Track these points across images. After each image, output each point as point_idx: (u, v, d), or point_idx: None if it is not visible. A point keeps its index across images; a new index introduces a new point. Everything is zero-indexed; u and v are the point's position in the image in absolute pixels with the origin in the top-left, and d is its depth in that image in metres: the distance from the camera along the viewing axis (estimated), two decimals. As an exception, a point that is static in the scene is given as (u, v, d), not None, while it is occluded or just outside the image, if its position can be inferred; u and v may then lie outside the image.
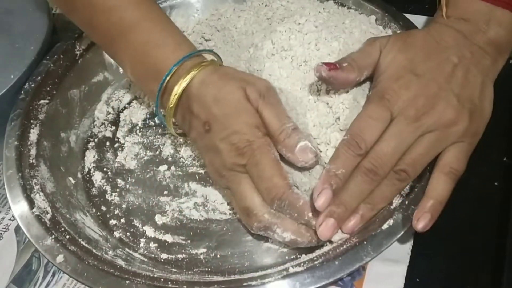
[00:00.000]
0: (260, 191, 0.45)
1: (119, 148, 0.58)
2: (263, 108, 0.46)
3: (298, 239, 0.44)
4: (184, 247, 0.50)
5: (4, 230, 0.55)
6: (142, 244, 0.50)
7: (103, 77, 0.64)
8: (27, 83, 0.57)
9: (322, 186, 0.42)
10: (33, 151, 0.53)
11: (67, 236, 0.46)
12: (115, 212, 0.53)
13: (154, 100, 0.50)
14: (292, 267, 0.42)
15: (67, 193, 0.53)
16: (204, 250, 0.49)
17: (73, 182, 0.55)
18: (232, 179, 0.46)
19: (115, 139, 0.59)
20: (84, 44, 0.62)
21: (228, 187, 0.48)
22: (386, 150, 0.43)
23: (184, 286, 0.43)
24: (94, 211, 0.53)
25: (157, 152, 0.57)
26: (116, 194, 0.55)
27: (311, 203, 0.43)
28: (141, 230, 0.51)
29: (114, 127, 0.61)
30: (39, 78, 0.58)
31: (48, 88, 0.58)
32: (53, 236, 0.46)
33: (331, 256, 0.42)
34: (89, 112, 0.62)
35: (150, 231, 0.51)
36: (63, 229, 0.47)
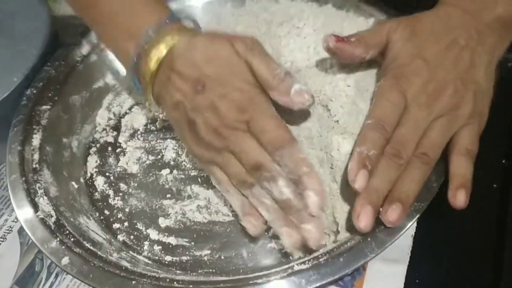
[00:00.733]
0: (263, 145, 0.45)
1: (121, 153, 0.59)
2: (252, 59, 0.46)
3: (294, 199, 0.44)
4: (188, 249, 0.50)
5: (8, 231, 0.55)
6: (146, 247, 0.50)
7: (104, 83, 0.64)
8: (29, 89, 0.57)
9: (358, 167, 0.42)
10: (36, 156, 0.53)
11: (72, 239, 0.47)
12: (118, 216, 0.53)
13: (128, 65, 0.50)
14: (297, 265, 0.42)
15: (70, 197, 0.53)
16: (208, 252, 0.49)
17: (76, 186, 0.55)
18: (235, 138, 0.46)
19: (117, 144, 0.60)
20: (85, 50, 0.62)
21: (228, 148, 0.46)
22: (406, 135, 0.44)
23: (190, 286, 0.43)
24: (98, 215, 0.53)
25: (159, 156, 0.58)
26: (119, 198, 0.55)
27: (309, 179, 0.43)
28: (144, 233, 0.52)
29: (115, 133, 0.61)
30: (40, 84, 0.58)
31: (49, 94, 0.58)
32: (58, 239, 0.46)
33: (336, 253, 0.42)
34: (90, 118, 0.62)
35: (153, 234, 0.51)
36: (67, 232, 0.47)
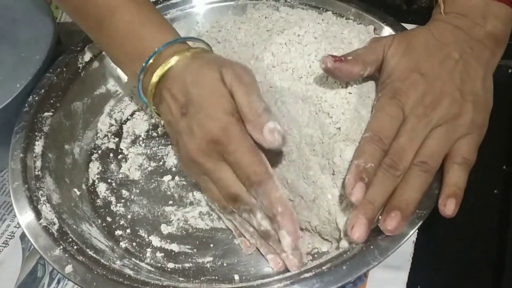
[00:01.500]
0: (239, 178, 0.45)
1: (123, 159, 0.59)
2: (236, 89, 0.46)
3: (271, 231, 0.45)
4: (190, 256, 0.50)
5: (10, 237, 0.55)
6: (148, 254, 0.50)
7: (105, 89, 0.64)
8: (30, 96, 0.58)
9: (355, 180, 0.43)
10: (38, 163, 0.53)
11: (75, 247, 0.47)
12: (121, 223, 0.53)
13: (134, 82, 0.51)
14: (300, 273, 0.42)
15: (72, 204, 0.53)
16: (211, 259, 0.49)
17: (78, 193, 0.55)
18: (211, 166, 0.46)
19: (119, 151, 0.60)
20: (87, 57, 0.62)
21: (205, 174, 0.47)
22: (403, 145, 0.45)
23: (193, 294, 0.43)
24: (100, 222, 0.53)
25: (160, 162, 0.58)
26: (121, 204, 0.55)
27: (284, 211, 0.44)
28: (147, 240, 0.52)
29: (117, 139, 0.61)
30: (42, 91, 0.58)
31: (51, 101, 0.58)
32: (61, 247, 0.46)
33: (339, 261, 0.42)
34: (92, 124, 0.62)
35: (156, 240, 0.51)
36: (70, 239, 0.47)
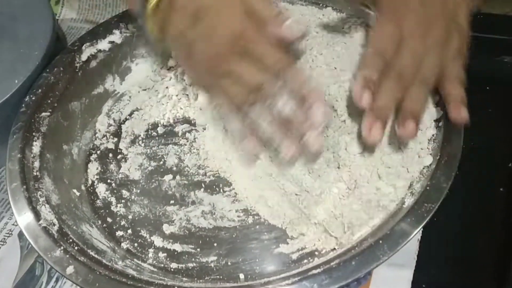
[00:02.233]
0: (266, 66, 0.46)
1: (122, 160, 0.58)
2: None
3: (296, 111, 0.46)
4: (193, 255, 0.49)
5: (8, 235, 0.54)
6: (150, 254, 0.50)
7: (103, 89, 0.63)
8: (27, 96, 0.57)
9: (362, 88, 0.45)
10: (36, 164, 0.52)
11: (76, 247, 0.46)
12: (122, 223, 0.52)
13: (136, 6, 0.52)
14: (309, 269, 0.41)
15: (72, 205, 0.52)
16: (215, 258, 0.49)
17: (77, 194, 0.54)
18: (233, 64, 0.47)
19: (118, 151, 0.59)
20: (84, 57, 0.61)
21: (225, 75, 0.48)
22: (406, 62, 0.47)
23: (198, 293, 0.42)
24: (100, 223, 0.52)
25: (161, 162, 0.57)
26: (122, 205, 0.54)
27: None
28: (149, 240, 0.51)
29: (116, 139, 0.60)
30: (39, 91, 0.57)
31: (49, 101, 0.57)
32: (61, 248, 0.45)
33: (348, 256, 0.41)
34: (90, 124, 0.61)
35: (158, 241, 0.50)
36: (71, 240, 0.46)
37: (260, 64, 0.46)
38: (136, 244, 0.50)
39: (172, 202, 0.53)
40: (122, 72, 0.65)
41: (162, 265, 0.49)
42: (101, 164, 0.58)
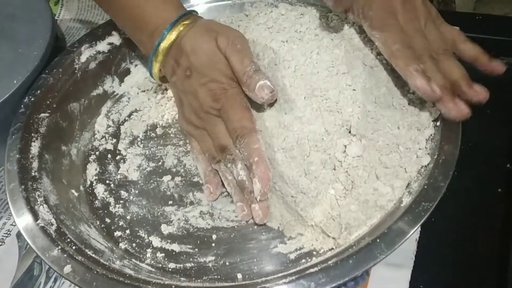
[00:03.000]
0: (229, 131, 0.51)
1: (121, 160, 0.58)
2: (230, 54, 0.52)
3: (247, 181, 0.49)
4: (192, 255, 0.49)
5: (6, 235, 0.54)
6: (148, 255, 0.49)
7: (102, 90, 0.63)
8: (26, 97, 0.57)
9: (427, 84, 0.46)
10: (35, 164, 0.52)
11: (73, 247, 0.46)
12: (120, 224, 0.52)
13: (148, 50, 0.56)
14: (306, 268, 0.41)
15: (70, 205, 0.52)
16: (213, 258, 0.49)
17: (76, 194, 0.54)
18: (209, 121, 0.52)
19: (117, 152, 0.59)
20: (83, 58, 0.62)
21: (204, 128, 0.53)
22: (423, 43, 0.48)
23: (195, 292, 0.42)
24: (98, 223, 0.52)
25: (159, 163, 0.57)
26: (120, 205, 0.54)
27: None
28: (147, 240, 0.51)
29: (115, 140, 0.60)
30: (38, 91, 0.57)
31: (48, 102, 0.57)
32: (59, 247, 0.45)
33: (345, 255, 0.41)
34: (89, 126, 0.61)
35: (156, 241, 0.50)
36: (69, 240, 0.46)
37: (227, 126, 0.51)
38: (134, 244, 0.50)
39: (170, 202, 0.53)
40: (121, 73, 0.65)
41: (160, 265, 0.49)
42: (99, 165, 0.58)
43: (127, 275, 0.44)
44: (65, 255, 0.44)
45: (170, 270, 0.48)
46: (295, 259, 0.47)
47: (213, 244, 0.50)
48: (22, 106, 0.56)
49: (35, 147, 0.54)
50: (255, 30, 0.59)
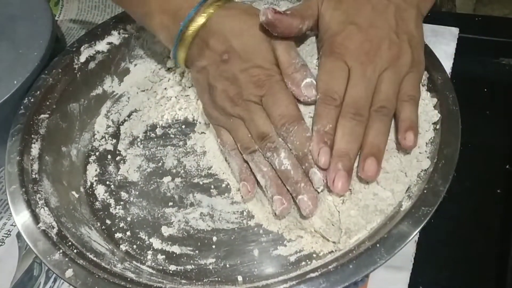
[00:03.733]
0: (272, 117, 0.48)
1: (121, 161, 0.58)
2: (277, 44, 0.50)
3: (292, 171, 0.47)
4: (192, 257, 0.49)
5: (6, 235, 0.54)
6: (149, 257, 0.50)
7: (102, 90, 0.63)
8: (26, 98, 0.57)
9: (318, 146, 0.45)
10: (35, 166, 0.52)
11: (75, 250, 0.46)
12: (120, 225, 0.52)
13: (165, 33, 0.54)
14: (306, 272, 0.41)
15: (71, 207, 0.52)
16: (213, 260, 0.49)
17: (76, 196, 0.54)
18: (248, 108, 0.49)
19: (116, 152, 0.59)
20: (83, 58, 0.61)
21: (240, 116, 0.50)
22: (360, 93, 0.47)
23: (196, 296, 0.42)
24: (99, 225, 0.53)
25: (159, 163, 0.57)
26: (120, 207, 0.54)
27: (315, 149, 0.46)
28: (147, 242, 0.51)
29: (115, 140, 0.60)
30: (38, 92, 0.57)
31: (47, 103, 0.57)
32: (60, 251, 0.45)
33: (345, 260, 0.41)
34: (89, 126, 0.61)
35: (157, 243, 0.51)
36: (70, 243, 0.46)
37: (271, 111, 0.49)
38: (135, 246, 0.51)
39: (170, 204, 0.53)
40: (121, 73, 0.65)
41: (161, 267, 0.49)
42: (99, 165, 0.58)
43: (129, 279, 0.44)
44: (66, 259, 0.44)
45: (171, 272, 0.48)
46: (295, 262, 0.47)
47: (213, 246, 0.50)
48: (22, 107, 0.56)
49: (35, 149, 0.54)
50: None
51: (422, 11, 0.51)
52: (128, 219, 0.53)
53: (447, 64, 0.59)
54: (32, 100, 0.57)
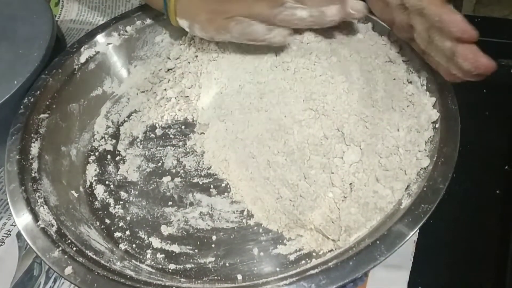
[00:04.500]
0: None
1: (121, 161, 0.58)
2: None
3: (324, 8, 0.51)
4: (192, 256, 0.49)
5: (6, 235, 0.54)
6: (148, 256, 0.50)
7: (102, 91, 0.63)
8: (26, 98, 0.57)
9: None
10: (35, 165, 0.52)
11: (74, 248, 0.46)
12: (120, 225, 0.52)
13: None
14: (306, 269, 0.41)
15: (70, 206, 0.52)
16: (213, 259, 0.49)
17: (75, 195, 0.54)
18: None
19: (116, 152, 0.59)
20: (83, 59, 0.62)
21: None
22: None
23: (196, 293, 0.42)
24: (98, 224, 0.53)
25: (159, 163, 0.57)
26: (120, 206, 0.54)
27: None
28: (147, 241, 0.51)
29: (114, 141, 0.60)
30: (38, 92, 0.57)
31: (47, 103, 0.57)
32: (60, 248, 0.45)
33: (345, 257, 0.41)
34: (88, 126, 0.61)
35: (156, 242, 0.51)
36: (69, 241, 0.46)
37: None
38: (134, 245, 0.51)
39: (170, 203, 0.53)
40: (121, 74, 0.65)
41: (160, 266, 0.49)
42: (99, 165, 0.58)
43: (128, 277, 0.44)
44: (65, 256, 0.44)
45: (170, 271, 0.48)
46: (295, 260, 0.47)
47: (213, 245, 0.50)
48: (22, 106, 0.56)
49: (35, 148, 0.54)
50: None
51: None
52: (128, 218, 0.53)
53: (446, 65, 0.59)
54: (32, 100, 0.57)
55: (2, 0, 0.66)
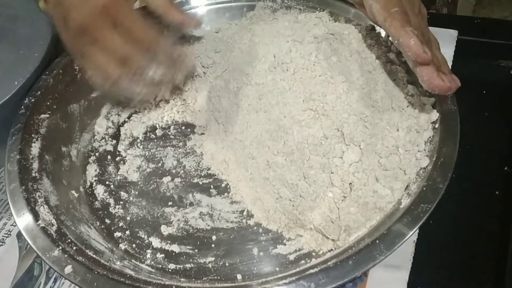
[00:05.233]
0: (131, 42, 0.50)
1: (121, 162, 0.58)
2: None
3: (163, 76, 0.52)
4: (191, 256, 0.49)
5: (6, 235, 0.54)
6: (148, 255, 0.50)
7: (102, 91, 0.63)
8: (27, 98, 0.57)
9: (421, 45, 0.44)
10: (35, 165, 0.52)
11: (74, 247, 0.46)
12: (120, 225, 0.52)
13: None
14: (306, 269, 0.41)
15: (70, 206, 0.52)
16: (212, 259, 0.49)
17: (76, 195, 0.54)
18: (101, 33, 0.50)
19: (116, 153, 0.59)
20: (83, 59, 0.62)
21: (94, 43, 0.51)
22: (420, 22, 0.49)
23: (196, 293, 0.42)
24: (98, 224, 0.53)
25: (159, 164, 0.57)
26: (120, 206, 0.54)
27: None
28: (146, 241, 0.51)
29: (114, 141, 0.60)
30: (38, 93, 0.58)
31: (48, 103, 0.58)
32: (60, 248, 0.45)
33: (345, 256, 0.41)
34: (89, 127, 0.61)
35: (156, 242, 0.51)
36: (69, 240, 0.46)
37: (128, 37, 0.50)
38: (134, 245, 0.51)
39: (170, 203, 0.54)
40: (121, 75, 0.65)
41: (160, 265, 0.49)
42: (99, 166, 0.58)
43: (128, 276, 0.44)
44: (65, 256, 0.44)
45: (170, 270, 0.48)
46: (295, 260, 0.47)
47: (212, 245, 0.50)
48: (22, 107, 0.56)
49: (35, 148, 0.54)
50: (255, 34, 0.59)
51: None
52: (128, 218, 0.53)
53: (446, 66, 0.59)
54: (32, 100, 0.57)
55: (2, 1, 0.67)
